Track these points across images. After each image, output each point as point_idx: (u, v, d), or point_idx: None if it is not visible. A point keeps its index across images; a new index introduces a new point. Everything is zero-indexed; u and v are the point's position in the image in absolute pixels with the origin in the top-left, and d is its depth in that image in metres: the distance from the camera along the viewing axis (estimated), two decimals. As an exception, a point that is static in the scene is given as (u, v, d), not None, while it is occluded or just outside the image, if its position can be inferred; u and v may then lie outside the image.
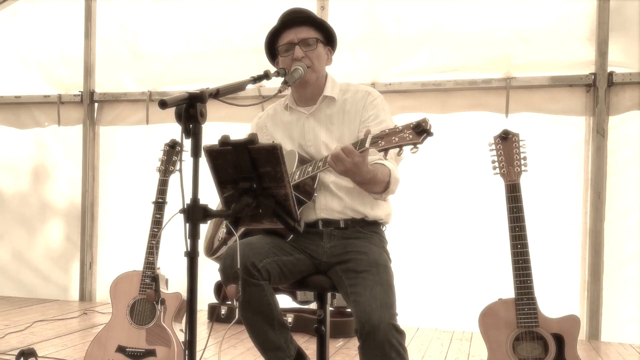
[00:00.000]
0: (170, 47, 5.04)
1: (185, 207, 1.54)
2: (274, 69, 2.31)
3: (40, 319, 4.36)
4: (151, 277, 2.56)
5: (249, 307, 2.15)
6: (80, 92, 5.20)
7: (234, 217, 1.56)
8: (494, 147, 2.36)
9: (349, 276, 2.18)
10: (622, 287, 4.10)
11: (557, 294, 4.17)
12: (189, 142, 1.51)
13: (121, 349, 2.64)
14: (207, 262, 2.47)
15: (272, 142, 1.48)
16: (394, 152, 2.23)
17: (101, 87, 5.24)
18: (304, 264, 2.29)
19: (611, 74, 4.05)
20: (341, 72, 4.71)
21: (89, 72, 5.21)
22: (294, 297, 4.21)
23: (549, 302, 4.12)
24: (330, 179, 2.33)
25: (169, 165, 2.77)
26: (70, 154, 5.26)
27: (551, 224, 4.18)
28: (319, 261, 2.31)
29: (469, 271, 4.26)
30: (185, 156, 2.77)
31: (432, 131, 1.86)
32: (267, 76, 1.95)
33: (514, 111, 4.27)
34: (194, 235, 1.56)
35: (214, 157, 1.53)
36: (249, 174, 1.53)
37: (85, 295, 5.17)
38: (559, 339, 2.22)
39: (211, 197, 1.71)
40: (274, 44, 2.40)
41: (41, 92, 5.29)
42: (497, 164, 2.35)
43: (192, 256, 1.57)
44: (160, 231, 2.64)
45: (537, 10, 4.22)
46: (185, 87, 4.25)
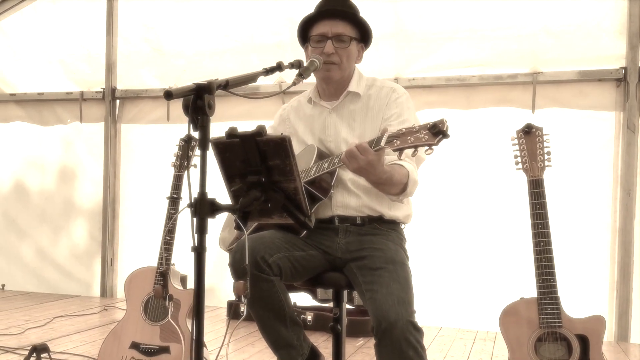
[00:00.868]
0: (191, 43, 5.02)
1: (192, 201, 1.50)
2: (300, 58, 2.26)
3: (60, 315, 4.38)
4: (161, 272, 2.52)
5: (260, 303, 2.11)
6: (102, 89, 5.21)
7: (242, 211, 1.51)
8: (516, 141, 2.26)
9: (364, 273, 2.12)
10: (653, 288, 3.97)
11: (585, 294, 4.06)
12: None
13: (135, 345, 2.61)
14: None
15: (281, 134, 1.41)
16: (409, 152, 2.17)
17: (123, 84, 5.24)
18: (317, 261, 2.24)
19: (642, 68, 3.92)
20: (364, 67, 4.65)
21: (110, 69, 5.22)
22: (314, 295, 4.15)
23: (577, 302, 3.99)
24: (348, 176, 2.26)
25: (183, 160, 2.73)
26: (92, 151, 5.28)
27: (580, 222, 4.07)
28: (334, 257, 2.25)
29: (494, 269, 4.16)
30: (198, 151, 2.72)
31: (448, 133, 1.77)
32: (279, 68, 1.89)
33: (540, 107, 4.16)
34: (201, 230, 1.52)
35: (222, 149, 1.48)
36: (257, 167, 1.48)
37: (106, 291, 5.19)
38: (584, 340, 2.12)
39: (223, 192, 1.66)
40: (308, 29, 2.33)
41: (63, 89, 5.32)
42: (519, 159, 2.26)
43: (199, 251, 1.53)
44: (174, 227, 2.61)
45: (564, 4, 4.10)
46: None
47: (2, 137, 5.56)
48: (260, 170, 1.48)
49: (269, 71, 1.86)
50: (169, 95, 1.41)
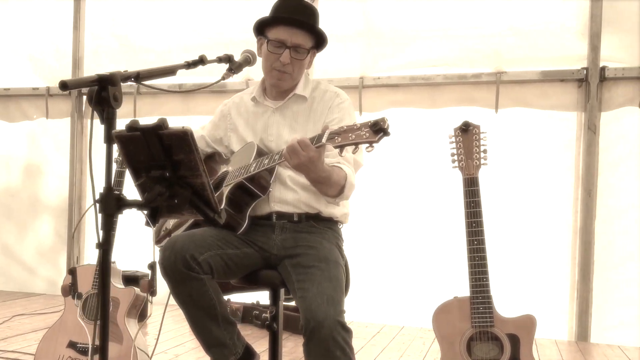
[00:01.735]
0: (160, 39, 4.98)
1: (97, 197, 1.48)
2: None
3: (21, 313, 4.33)
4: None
5: (191, 302, 2.09)
6: (68, 85, 5.15)
7: (148, 207, 1.48)
8: (454, 139, 2.25)
9: (297, 271, 2.12)
10: (614, 288, 3.98)
11: (546, 293, 4.07)
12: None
13: (72, 345, 2.57)
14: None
15: (182, 127, 1.39)
16: (350, 157, 2.17)
17: (90, 79, 5.19)
18: (252, 258, 2.22)
19: (603, 69, 3.92)
20: (331, 65, 4.66)
21: (77, 64, 5.18)
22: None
23: (538, 301, 4.05)
24: (287, 172, 2.26)
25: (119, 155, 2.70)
26: (58, 148, 5.23)
27: (542, 221, 4.08)
28: (269, 254, 2.23)
29: (449, 268, 4.15)
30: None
31: (389, 131, 1.77)
32: (202, 61, 1.86)
33: (504, 106, 4.16)
34: (107, 226, 1.50)
35: (124, 143, 1.46)
36: (161, 161, 1.45)
37: (72, 289, 5.14)
38: (515, 340, 2.11)
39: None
40: (266, 26, 2.28)
41: (31, 85, 5.27)
42: (456, 157, 2.24)
43: (105, 248, 1.51)
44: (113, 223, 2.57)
45: (529, 3, 4.10)
46: (176, 80, 4.19)
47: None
48: (165, 164, 1.45)
49: (191, 64, 1.84)
50: (65, 86, 1.39)
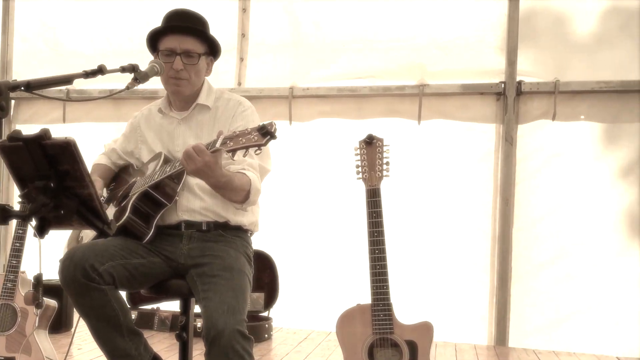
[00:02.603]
0: (91, 44, 4.93)
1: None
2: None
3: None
4: (12, 280, 2.46)
5: (92, 313, 2.08)
6: (-6, 90, 5.04)
7: (33, 218, 1.48)
8: (358, 151, 2.32)
9: (202, 280, 2.14)
10: (530, 294, 4.13)
11: (467, 300, 4.20)
12: None
13: (-21, 356, 2.54)
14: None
15: (65, 137, 1.40)
16: (255, 163, 2.21)
17: (18, 84, 5.08)
18: (159, 268, 2.23)
19: (520, 83, 4.08)
20: (261, 75, 4.70)
21: (5, 68, 5.07)
22: None
23: (459, 307, 4.17)
24: (195, 180, 2.28)
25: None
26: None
27: (462, 230, 4.21)
28: (176, 263, 2.25)
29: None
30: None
31: (276, 135, 1.85)
32: (101, 71, 1.87)
33: (426, 118, 4.28)
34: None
35: (7, 153, 1.46)
36: (45, 171, 1.46)
37: (-5, 298, 5.00)
38: (413, 346, 2.19)
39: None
40: (157, 40, 2.33)
41: (-45, 89, 5.11)
42: (360, 169, 2.32)
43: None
44: (24, 233, 2.55)
45: (451, 19, 4.24)
46: (105, 85, 4.14)
47: None
48: (49, 175, 1.46)
49: (89, 74, 1.84)
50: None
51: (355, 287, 4.18)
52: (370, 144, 2.31)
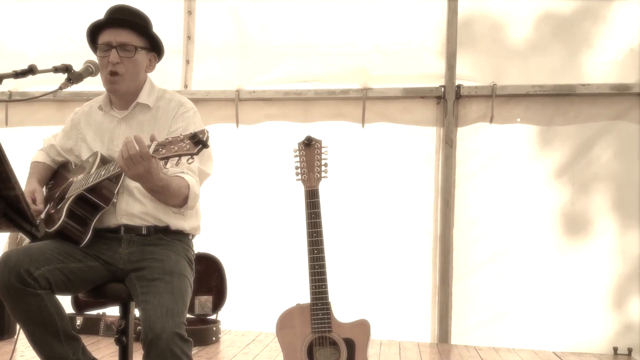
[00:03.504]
0: (33, 46, 4.83)
1: None
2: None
3: None
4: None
5: (28, 318, 2.05)
6: None
7: (-37, 221, 1.48)
8: (297, 153, 2.36)
9: (142, 284, 2.13)
10: (471, 292, 4.26)
11: (410, 299, 4.29)
12: None
13: None
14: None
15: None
16: (194, 167, 2.21)
17: (-44, 86, 4.94)
18: (96, 272, 2.22)
19: (459, 87, 4.21)
20: (207, 77, 4.70)
21: (-59, 70, 4.91)
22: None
23: (402, 306, 4.27)
24: (134, 183, 2.25)
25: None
26: None
27: (404, 230, 4.30)
28: (115, 268, 2.24)
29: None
30: None
31: (208, 143, 1.84)
32: (31, 71, 1.86)
33: (370, 121, 4.36)
34: None
35: None
36: (-29, 174, 1.45)
37: None
38: (350, 344, 2.25)
39: None
40: (96, 37, 2.32)
41: None
42: (299, 171, 2.36)
43: None
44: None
45: (393, 24, 4.34)
46: (48, 87, 4.07)
47: None
48: (-26, 177, 1.45)
49: (19, 74, 1.83)
50: None
51: (298, 287, 4.26)
52: (308, 146, 2.36)
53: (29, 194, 2.35)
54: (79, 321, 4.24)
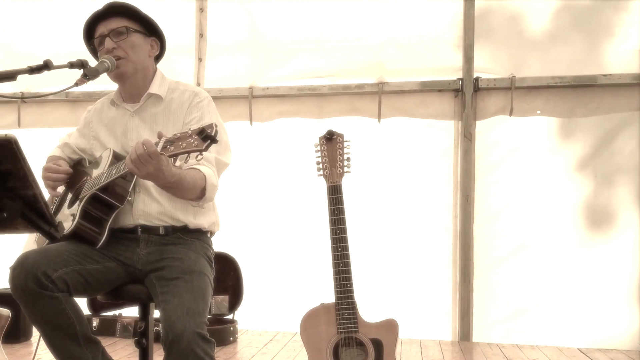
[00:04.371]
0: (44, 45, 4.79)
1: None
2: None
3: None
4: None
5: (46, 322, 2.00)
6: (-59, 94, 4.87)
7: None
8: (319, 148, 2.30)
9: (161, 284, 2.07)
10: (492, 289, 4.18)
11: (430, 296, 4.22)
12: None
13: None
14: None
15: (5, 135, 1.34)
16: (192, 157, 2.13)
17: (-32, 88, 4.92)
18: (115, 273, 2.16)
19: (477, 80, 4.12)
20: (220, 75, 4.64)
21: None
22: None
23: (422, 304, 4.19)
24: (151, 182, 2.21)
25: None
26: None
27: (423, 226, 4.23)
28: (134, 269, 2.18)
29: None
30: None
31: (217, 138, 1.74)
32: (47, 66, 1.80)
33: (386, 116, 4.29)
34: None
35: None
36: (-16, 172, 1.39)
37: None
38: (378, 344, 2.18)
39: None
40: (91, 37, 2.28)
41: None
42: (321, 166, 2.29)
43: None
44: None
45: (408, 16, 4.26)
46: (61, 87, 4.05)
47: None
48: (-11, 175, 1.39)
49: (34, 70, 1.78)
50: None
51: (320, 286, 4.19)
52: (330, 140, 2.29)
53: (51, 160, 2.31)
54: (96, 322, 4.21)
